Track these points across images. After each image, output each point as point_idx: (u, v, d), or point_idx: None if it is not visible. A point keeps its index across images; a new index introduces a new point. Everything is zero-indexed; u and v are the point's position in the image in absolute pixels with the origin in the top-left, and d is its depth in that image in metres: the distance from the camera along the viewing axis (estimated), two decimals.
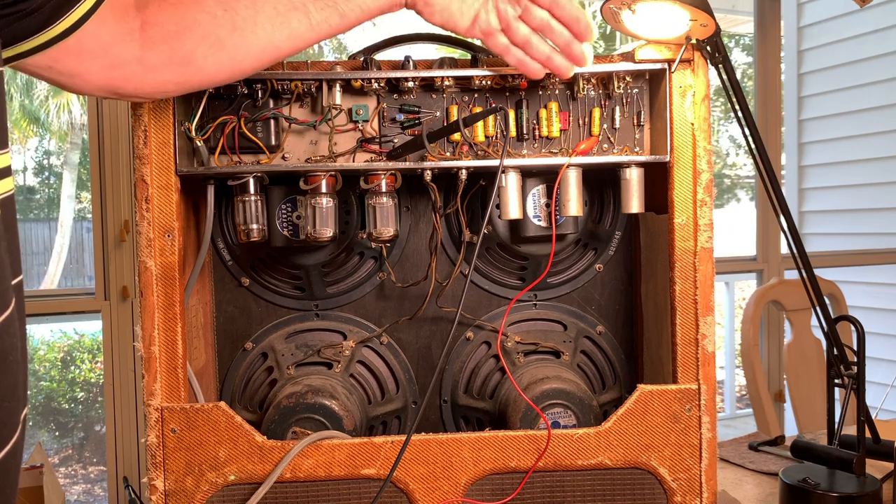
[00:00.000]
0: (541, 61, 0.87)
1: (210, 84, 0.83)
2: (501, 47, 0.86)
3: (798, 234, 1.01)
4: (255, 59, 0.81)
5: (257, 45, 0.79)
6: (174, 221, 0.91)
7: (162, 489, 0.91)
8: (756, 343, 2.23)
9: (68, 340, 6.06)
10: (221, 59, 0.79)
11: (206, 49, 0.77)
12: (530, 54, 0.87)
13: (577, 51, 0.86)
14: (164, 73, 0.78)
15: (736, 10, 6.55)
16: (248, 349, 1.11)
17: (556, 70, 0.88)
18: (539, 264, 1.09)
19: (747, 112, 0.97)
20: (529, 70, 0.87)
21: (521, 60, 0.87)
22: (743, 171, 9.10)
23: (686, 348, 0.96)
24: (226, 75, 0.81)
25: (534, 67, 0.87)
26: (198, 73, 0.79)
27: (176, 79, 0.79)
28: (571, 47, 0.86)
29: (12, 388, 0.58)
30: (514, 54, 0.87)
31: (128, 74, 0.77)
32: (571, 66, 0.88)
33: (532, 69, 0.87)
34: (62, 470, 5.05)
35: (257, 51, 0.80)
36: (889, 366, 3.74)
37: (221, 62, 0.79)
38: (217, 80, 0.82)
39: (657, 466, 0.95)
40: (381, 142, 0.96)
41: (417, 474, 0.93)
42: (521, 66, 0.87)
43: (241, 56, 0.79)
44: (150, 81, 0.78)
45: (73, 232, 7.69)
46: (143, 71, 0.77)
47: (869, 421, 1.10)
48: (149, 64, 0.77)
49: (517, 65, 0.87)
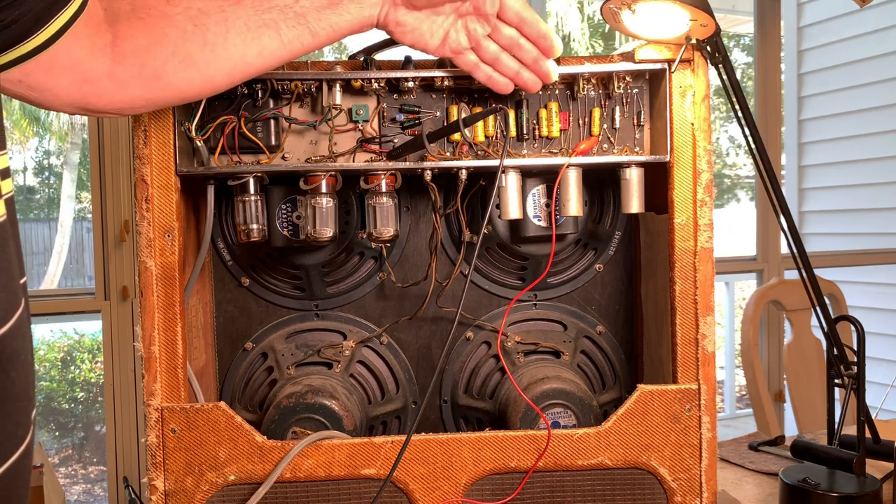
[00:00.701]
0: (509, 77, 0.88)
1: (181, 100, 0.83)
2: (471, 65, 0.88)
3: (798, 234, 1.01)
4: (226, 76, 0.80)
5: (228, 61, 0.79)
6: (174, 221, 0.91)
7: (162, 489, 0.91)
8: (756, 343, 2.23)
9: (68, 340, 6.06)
10: (191, 74, 0.78)
11: (177, 64, 0.77)
12: (499, 70, 0.88)
13: (544, 67, 0.88)
14: (134, 88, 0.77)
15: (736, 10, 6.55)
16: (248, 349, 1.11)
17: (524, 85, 0.89)
18: (539, 264, 1.09)
19: (747, 112, 0.97)
20: (498, 86, 0.89)
21: (490, 77, 0.88)
22: (743, 171, 9.10)
23: (686, 348, 0.96)
24: (196, 91, 0.81)
25: (502, 83, 0.89)
26: (167, 88, 0.79)
27: (146, 94, 0.78)
28: (539, 64, 0.88)
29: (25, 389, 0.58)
30: (484, 71, 0.88)
31: (99, 90, 0.76)
32: (538, 81, 0.89)
33: (500, 84, 0.89)
34: (62, 470, 5.05)
35: (228, 67, 0.79)
36: (889, 366, 3.75)
37: (192, 77, 0.79)
38: (187, 95, 0.81)
39: (657, 466, 0.95)
40: (381, 142, 0.96)
41: (417, 474, 0.93)
42: (490, 83, 0.89)
43: (211, 72, 0.79)
44: (120, 97, 0.78)
45: (73, 232, 7.69)
46: (113, 86, 0.76)
47: (869, 421, 1.10)
48: (119, 79, 0.76)
49: (486, 81, 0.89)
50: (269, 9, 0.79)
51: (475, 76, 0.89)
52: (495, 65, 0.88)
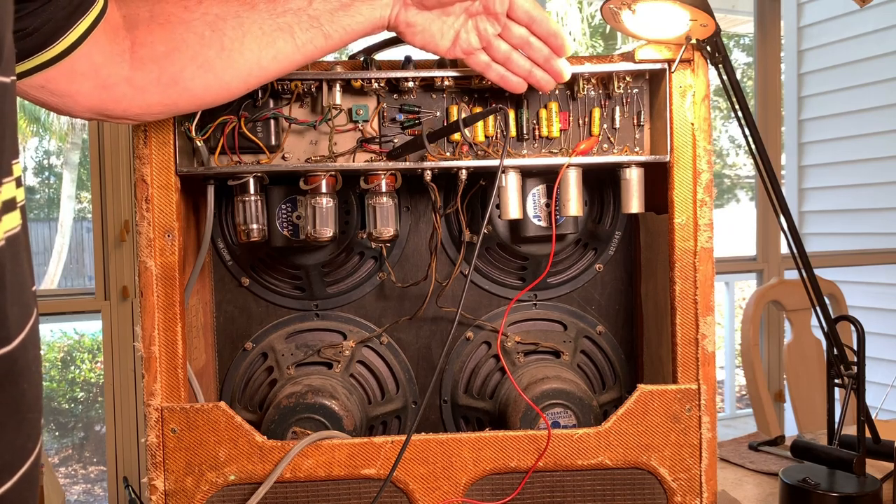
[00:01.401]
0: (522, 76, 0.88)
1: (198, 106, 0.83)
2: (483, 65, 0.88)
3: (798, 234, 1.01)
4: (243, 81, 0.81)
5: (244, 67, 0.79)
6: (174, 221, 0.91)
7: (162, 489, 0.91)
8: (756, 343, 2.23)
9: (68, 340, 6.06)
10: (209, 80, 0.79)
11: (195, 70, 0.77)
12: (512, 70, 0.88)
13: (556, 66, 0.88)
14: (152, 94, 0.78)
15: (736, 10, 6.56)
16: (248, 349, 1.11)
17: (537, 84, 0.89)
18: (539, 264, 1.09)
19: (747, 112, 0.97)
20: (511, 85, 0.89)
21: (503, 76, 0.88)
22: (743, 171, 9.11)
23: (686, 348, 0.96)
24: (213, 97, 0.81)
25: (515, 82, 0.89)
26: (185, 94, 0.79)
27: (164, 100, 0.79)
28: (551, 63, 0.88)
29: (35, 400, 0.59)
30: (496, 70, 0.88)
31: (117, 96, 0.77)
32: (551, 81, 0.89)
33: (513, 84, 0.89)
34: (62, 470, 5.05)
35: (244, 72, 0.80)
36: (889, 366, 3.75)
37: (209, 83, 0.79)
38: (205, 102, 0.82)
39: (657, 466, 0.95)
40: (381, 142, 0.96)
41: (417, 474, 0.93)
42: (503, 82, 0.89)
43: (228, 77, 0.79)
44: (138, 102, 0.78)
45: (73, 232, 7.68)
46: (132, 92, 0.77)
47: (869, 421, 1.10)
48: (138, 84, 0.77)
49: (499, 80, 0.89)
50: (284, 12, 0.79)
51: (488, 76, 0.89)
52: (507, 64, 0.88)
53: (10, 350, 0.56)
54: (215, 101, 0.83)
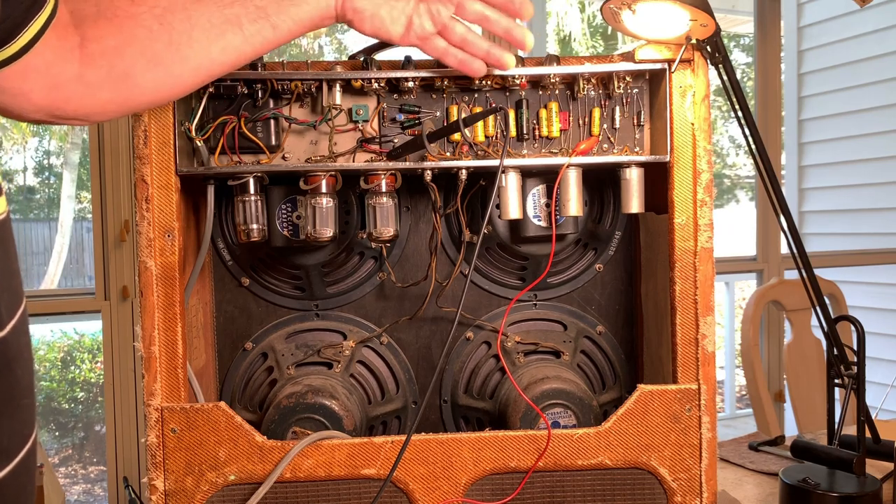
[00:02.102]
0: (481, 57, 0.86)
1: (150, 103, 0.82)
2: (440, 51, 0.85)
3: (798, 234, 1.01)
4: (192, 74, 0.80)
5: (194, 59, 0.79)
6: (174, 221, 0.91)
7: (162, 489, 0.91)
8: (756, 343, 2.23)
9: (68, 340, 6.06)
10: (159, 74, 0.78)
11: (145, 64, 0.77)
12: (470, 52, 0.85)
13: (519, 34, 0.84)
14: (103, 90, 0.77)
15: (736, 10, 6.55)
16: (248, 349, 1.11)
17: (497, 62, 0.86)
18: (539, 264, 1.09)
19: (747, 112, 0.97)
20: (472, 69, 0.86)
21: (462, 60, 0.86)
22: (743, 171, 9.10)
23: (686, 348, 0.96)
24: (166, 92, 0.80)
25: (476, 66, 0.86)
26: (136, 90, 0.78)
27: (115, 97, 0.78)
28: (513, 32, 0.84)
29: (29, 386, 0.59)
30: (455, 55, 0.86)
31: (67, 94, 0.76)
32: (512, 57, 0.86)
33: (474, 67, 0.86)
34: (62, 470, 5.05)
35: (194, 65, 0.79)
36: (889, 366, 3.74)
37: (159, 77, 0.78)
38: (157, 97, 0.81)
39: (657, 466, 0.95)
40: (381, 142, 0.96)
41: (417, 474, 0.93)
42: (463, 67, 0.86)
43: (177, 70, 0.78)
44: (89, 100, 0.77)
45: (73, 232, 7.68)
46: (83, 89, 0.76)
47: (869, 421, 1.10)
48: (88, 81, 0.76)
49: (458, 66, 0.86)
50: (231, 4, 0.78)
51: (446, 62, 0.86)
52: (465, 46, 0.85)
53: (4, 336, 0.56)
54: (168, 96, 0.82)
